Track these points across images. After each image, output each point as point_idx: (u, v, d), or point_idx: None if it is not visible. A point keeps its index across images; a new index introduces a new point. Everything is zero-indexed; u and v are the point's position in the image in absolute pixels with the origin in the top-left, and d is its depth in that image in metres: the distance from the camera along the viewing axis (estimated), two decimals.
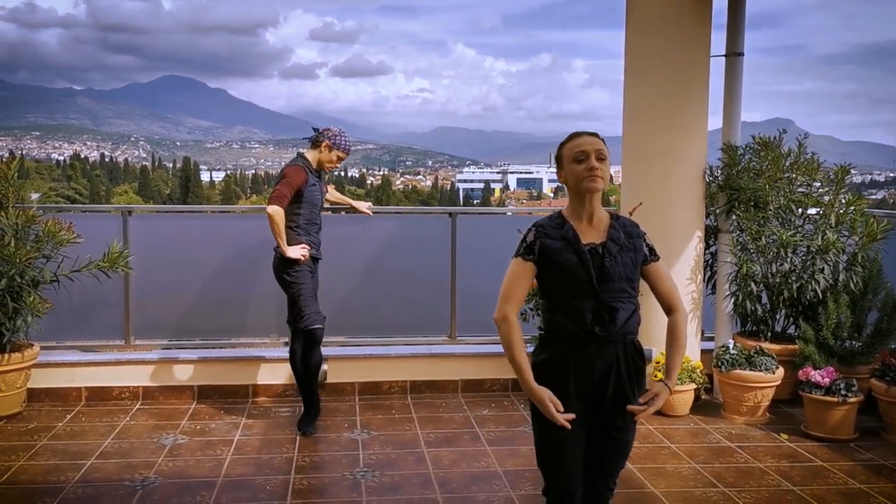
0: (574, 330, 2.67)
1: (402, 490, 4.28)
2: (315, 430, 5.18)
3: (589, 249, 2.70)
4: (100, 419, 5.42)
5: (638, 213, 5.70)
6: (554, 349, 2.72)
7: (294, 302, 5.14)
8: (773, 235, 5.81)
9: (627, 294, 2.71)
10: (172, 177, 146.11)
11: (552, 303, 2.74)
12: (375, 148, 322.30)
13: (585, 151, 2.70)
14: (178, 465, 4.60)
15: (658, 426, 5.38)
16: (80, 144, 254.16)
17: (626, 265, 2.71)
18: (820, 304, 5.77)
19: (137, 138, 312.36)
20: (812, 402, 5.22)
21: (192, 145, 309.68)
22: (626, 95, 5.90)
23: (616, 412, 2.74)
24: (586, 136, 2.75)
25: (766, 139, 6.01)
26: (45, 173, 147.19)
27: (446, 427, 5.35)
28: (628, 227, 2.80)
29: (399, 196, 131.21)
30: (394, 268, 6.37)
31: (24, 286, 5.29)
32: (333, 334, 6.27)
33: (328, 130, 5.28)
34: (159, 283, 6.13)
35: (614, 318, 2.67)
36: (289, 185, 5.05)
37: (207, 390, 5.87)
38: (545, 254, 2.71)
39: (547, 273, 2.73)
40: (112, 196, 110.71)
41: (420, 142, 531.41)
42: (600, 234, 2.74)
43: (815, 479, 4.51)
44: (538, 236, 2.74)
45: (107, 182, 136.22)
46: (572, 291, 2.68)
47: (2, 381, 5.27)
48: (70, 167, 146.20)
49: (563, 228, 2.73)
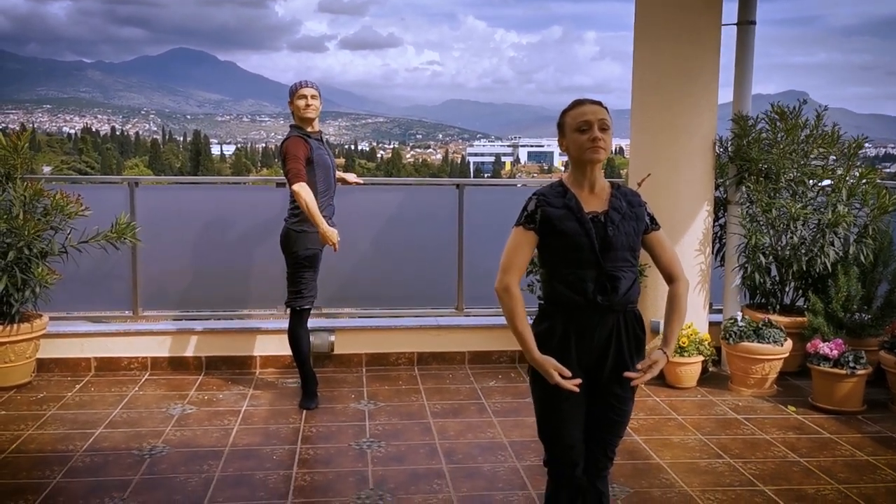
0: (575, 299, 2.65)
1: (407, 460, 4.30)
2: (319, 402, 5.19)
3: (591, 218, 2.66)
4: (108, 389, 5.45)
5: (646, 184, 5.66)
6: (554, 319, 2.71)
7: (296, 281, 5.09)
8: (783, 208, 5.75)
9: (629, 263, 2.69)
10: (183, 150, 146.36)
11: (553, 272, 2.72)
12: (386, 121, 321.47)
13: (588, 121, 2.66)
14: (185, 435, 4.63)
15: (665, 398, 5.37)
16: (90, 118, 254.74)
17: (628, 234, 2.68)
18: (830, 277, 5.73)
19: (148, 111, 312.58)
20: (820, 375, 5.19)
21: (203, 119, 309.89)
22: (635, 65, 5.83)
23: (616, 381, 2.73)
24: (589, 104, 2.71)
25: (784, 109, 5.94)
26: (57, 147, 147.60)
27: (453, 398, 5.36)
28: (629, 196, 2.77)
29: (409, 169, 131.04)
30: (402, 240, 6.36)
31: (33, 258, 5.30)
32: (341, 306, 6.29)
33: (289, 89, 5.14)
34: (167, 255, 6.14)
35: (616, 287, 2.64)
36: (296, 159, 4.92)
37: (215, 361, 5.89)
38: (547, 222, 2.68)
39: (548, 242, 2.70)
40: (123, 169, 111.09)
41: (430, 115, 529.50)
42: (602, 203, 2.71)
43: (822, 450, 4.50)
44: (539, 205, 2.70)
45: (118, 156, 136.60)
46: (574, 260, 2.65)
47: (11, 351, 5.30)
48: (81, 140, 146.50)
49: (565, 197, 2.70)
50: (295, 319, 5.15)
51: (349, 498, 3.83)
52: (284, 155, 4.99)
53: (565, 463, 2.79)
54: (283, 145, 5.05)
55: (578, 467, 2.80)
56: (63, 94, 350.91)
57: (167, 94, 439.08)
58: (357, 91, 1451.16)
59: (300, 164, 4.92)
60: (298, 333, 5.14)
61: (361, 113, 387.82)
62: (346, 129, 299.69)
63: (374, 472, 4.14)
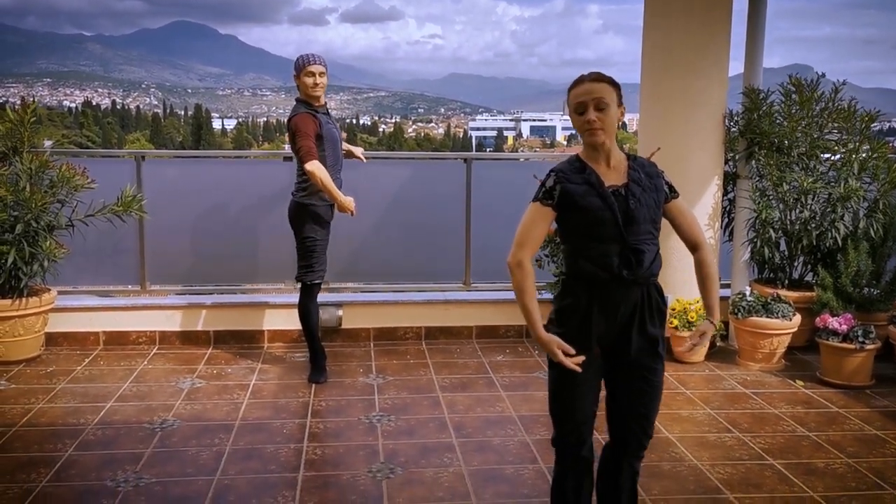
0: (600, 275, 2.62)
1: (417, 434, 4.31)
2: (327, 376, 5.20)
3: (613, 192, 2.63)
4: (118, 363, 5.46)
5: (656, 158, 5.62)
6: (578, 294, 2.67)
7: (307, 254, 5.07)
8: (794, 182, 5.72)
9: (652, 235, 2.66)
10: (184, 124, 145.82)
11: (575, 248, 2.68)
12: (387, 95, 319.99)
13: (583, 102, 2.60)
14: (195, 409, 4.64)
15: (673, 372, 5.38)
16: (91, 91, 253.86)
17: (649, 206, 2.65)
18: (839, 252, 5.71)
19: (149, 85, 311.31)
20: (829, 349, 5.19)
21: (204, 92, 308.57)
22: (645, 37, 5.78)
23: (647, 353, 2.70)
24: (588, 82, 2.63)
25: (802, 81, 5.88)
26: (58, 120, 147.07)
27: (461, 372, 5.36)
28: (647, 167, 2.73)
29: (411, 144, 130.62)
30: (409, 214, 6.35)
31: (40, 231, 5.29)
32: (348, 280, 6.28)
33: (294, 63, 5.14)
34: (174, 229, 6.13)
35: (641, 260, 2.62)
36: (307, 136, 4.88)
37: (223, 335, 5.90)
38: (568, 198, 2.63)
39: (569, 218, 2.67)
40: (124, 143, 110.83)
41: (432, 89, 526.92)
42: (621, 176, 2.67)
43: (831, 424, 4.51)
44: (559, 181, 2.65)
45: (119, 130, 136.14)
46: (598, 235, 2.62)
47: (20, 324, 5.30)
48: (82, 115, 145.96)
49: (584, 172, 2.66)
50: (305, 294, 5.14)
51: (360, 471, 3.84)
52: (294, 131, 4.95)
53: (573, 441, 2.77)
54: (292, 121, 5.00)
55: (586, 445, 2.78)
56: (63, 68, 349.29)
57: (168, 68, 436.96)
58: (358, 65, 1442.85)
59: (311, 140, 4.89)
60: (308, 308, 5.14)
61: (363, 87, 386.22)
62: (347, 103, 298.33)
63: (384, 445, 4.15)
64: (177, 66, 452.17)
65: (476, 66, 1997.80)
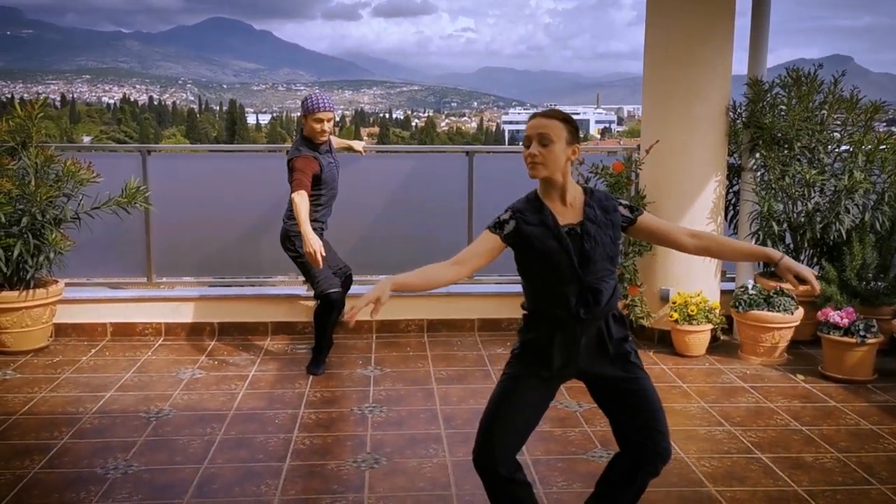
0: (559, 314, 2.65)
1: (406, 425, 4.35)
2: (325, 368, 5.24)
3: (568, 231, 2.63)
4: (123, 353, 5.57)
5: (658, 150, 5.60)
6: (540, 330, 2.71)
7: (306, 272, 5.13)
8: (797, 174, 5.65)
9: (609, 272, 2.68)
10: (219, 119, 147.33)
11: (534, 288, 2.72)
12: (420, 89, 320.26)
13: (529, 136, 2.64)
14: (192, 399, 4.72)
15: (672, 366, 5.35)
16: (129, 87, 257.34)
17: (605, 244, 2.65)
18: (844, 245, 5.63)
19: (185, 81, 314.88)
20: (830, 343, 5.13)
21: (239, 88, 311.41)
22: (647, 28, 5.74)
23: (619, 369, 2.71)
24: (539, 118, 2.65)
25: (800, 73, 5.80)
26: (96, 117, 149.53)
27: (459, 365, 5.39)
28: (603, 201, 2.71)
29: (443, 138, 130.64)
30: (412, 207, 6.37)
31: (46, 223, 5.40)
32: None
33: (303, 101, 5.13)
34: (181, 222, 6.22)
35: (598, 300, 2.64)
36: (305, 175, 4.94)
37: (227, 327, 5.98)
38: (525, 240, 2.64)
39: (527, 259, 2.68)
40: (161, 139, 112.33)
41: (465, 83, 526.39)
42: (577, 214, 2.66)
43: (826, 419, 4.46)
44: (514, 218, 2.67)
45: (155, 125, 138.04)
46: (556, 278, 2.63)
47: (27, 315, 5.43)
48: (120, 110, 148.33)
49: (541, 213, 2.65)
50: (324, 305, 5.13)
51: (345, 461, 3.89)
52: (292, 167, 4.99)
53: (485, 457, 2.69)
54: (293, 161, 5.01)
55: (501, 465, 2.68)
56: (102, 65, 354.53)
57: (204, 64, 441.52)
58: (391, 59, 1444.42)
59: (308, 178, 4.94)
60: (324, 316, 5.15)
61: (396, 81, 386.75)
62: (380, 97, 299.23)
63: (372, 436, 4.19)
64: (212, 62, 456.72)
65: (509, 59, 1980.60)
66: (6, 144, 5.51)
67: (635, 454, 2.75)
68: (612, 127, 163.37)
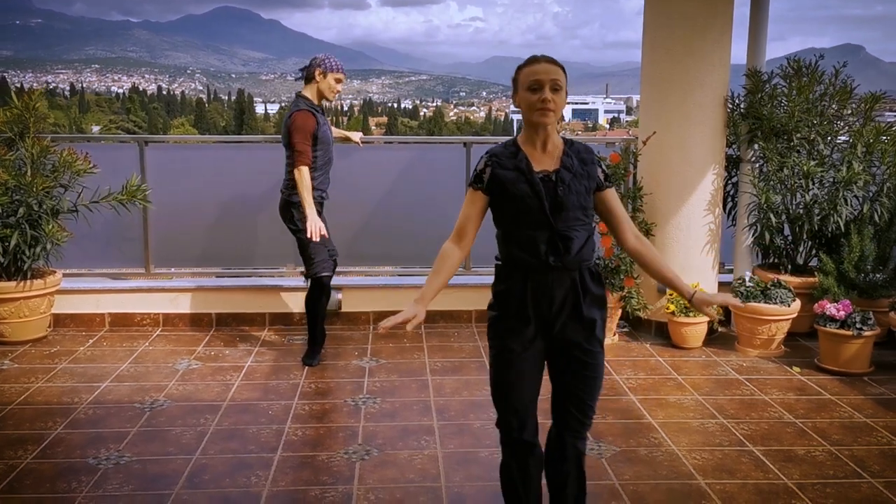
0: (529, 261, 2.64)
1: (399, 416, 4.35)
2: (320, 360, 5.26)
3: (542, 178, 2.63)
4: (120, 344, 5.59)
5: (656, 141, 5.57)
6: (512, 280, 2.70)
7: (303, 249, 5.13)
8: (796, 166, 5.62)
9: (581, 222, 2.66)
10: (228, 109, 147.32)
11: (506, 234, 2.70)
12: (428, 79, 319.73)
13: (540, 81, 2.60)
14: (187, 389, 4.74)
15: (668, 358, 5.34)
16: (138, 77, 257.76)
17: (579, 193, 2.64)
18: (843, 237, 5.60)
19: (194, 71, 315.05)
20: (826, 336, 5.11)
21: (247, 77, 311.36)
22: (645, 18, 5.70)
23: (583, 338, 2.70)
24: (544, 62, 2.63)
25: (801, 63, 5.76)
26: (105, 106, 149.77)
27: (455, 356, 5.39)
28: (582, 153, 2.71)
29: (452, 128, 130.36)
30: (410, 198, 6.36)
31: (43, 214, 5.42)
32: (348, 264, 6.32)
33: (314, 59, 5.19)
34: (179, 213, 6.22)
35: (569, 247, 2.62)
36: (305, 137, 4.96)
37: (225, 318, 6.00)
38: (499, 184, 2.65)
39: (501, 204, 2.69)
40: (169, 128, 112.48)
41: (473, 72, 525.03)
42: (554, 162, 2.67)
43: (820, 411, 4.45)
44: (489, 164, 2.68)
45: (164, 115, 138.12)
46: (526, 222, 2.63)
47: (25, 306, 5.45)
48: (129, 100, 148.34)
49: (516, 158, 2.66)
50: (314, 288, 5.18)
51: (336, 453, 3.89)
52: (292, 128, 5.01)
53: (514, 424, 2.77)
54: (294, 117, 5.04)
55: (526, 430, 2.77)
56: (111, 54, 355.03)
57: (212, 54, 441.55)
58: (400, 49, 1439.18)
59: (308, 143, 4.98)
60: (314, 300, 5.19)
61: (404, 70, 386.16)
62: (389, 87, 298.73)
63: (364, 427, 4.20)
64: (221, 52, 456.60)
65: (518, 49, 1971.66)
66: (4, 135, 5.52)
67: (562, 420, 2.81)
68: (620, 117, 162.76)
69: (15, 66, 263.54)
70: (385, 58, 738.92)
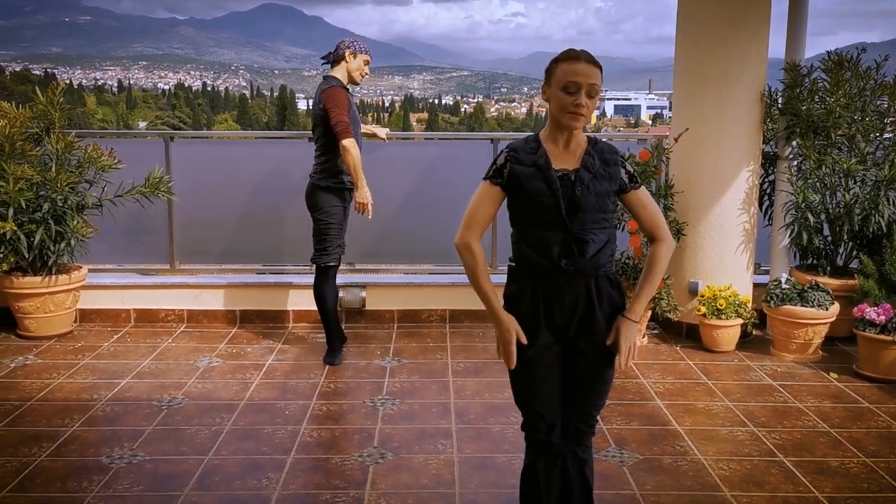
0: (541, 262, 2.51)
1: (417, 418, 4.26)
2: (343, 358, 5.19)
3: (560, 176, 2.50)
4: (144, 340, 5.58)
5: (689, 137, 5.40)
6: (523, 281, 2.58)
7: (321, 236, 5.06)
8: (836, 164, 5.40)
9: (600, 225, 2.52)
10: (270, 105, 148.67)
11: (520, 233, 2.58)
12: (470, 74, 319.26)
13: (578, 84, 2.44)
14: (206, 387, 4.70)
15: (699, 362, 5.17)
16: (183, 73, 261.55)
17: (599, 194, 2.50)
18: (885, 238, 5.37)
19: (238, 67, 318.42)
20: (866, 341, 4.90)
21: (290, 73, 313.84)
22: (679, 9, 5.53)
23: (592, 346, 2.59)
24: (584, 63, 2.46)
25: (843, 57, 5.54)
26: (152, 102, 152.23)
27: (478, 357, 5.28)
28: (606, 153, 2.57)
29: (492, 123, 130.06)
30: (436, 195, 6.25)
31: (68, 210, 5.42)
32: (374, 262, 6.26)
33: (342, 42, 5.17)
34: (205, 209, 6.20)
35: (583, 250, 2.49)
36: (343, 110, 4.88)
37: (249, 315, 5.96)
38: (515, 180, 2.53)
39: (516, 201, 2.57)
40: (213, 124, 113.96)
41: (515, 68, 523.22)
42: (575, 161, 2.53)
43: (857, 421, 4.25)
44: (509, 160, 2.55)
45: (208, 111, 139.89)
46: (540, 221, 2.51)
47: (50, 301, 5.46)
48: (174, 96, 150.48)
49: (536, 154, 2.53)
50: (320, 276, 5.13)
51: (350, 455, 3.81)
52: (329, 103, 4.91)
53: (538, 428, 2.69)
54: (328, 92, 4.96)
55: (554, 433, 2.69)
56: (158, 51, 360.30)
57: (256, 50, 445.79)
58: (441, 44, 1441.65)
59: (346, 117, 4.88)
60: (323, 291, 5.12)
61: (445, 66, 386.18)
62: (430, 83, 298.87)
63: (381, 430, 4.11)
64: (264, 48, 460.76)
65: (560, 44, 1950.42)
66: (30, 131, 5.53)
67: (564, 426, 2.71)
68: (663, 113, 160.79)
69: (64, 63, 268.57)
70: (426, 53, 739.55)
